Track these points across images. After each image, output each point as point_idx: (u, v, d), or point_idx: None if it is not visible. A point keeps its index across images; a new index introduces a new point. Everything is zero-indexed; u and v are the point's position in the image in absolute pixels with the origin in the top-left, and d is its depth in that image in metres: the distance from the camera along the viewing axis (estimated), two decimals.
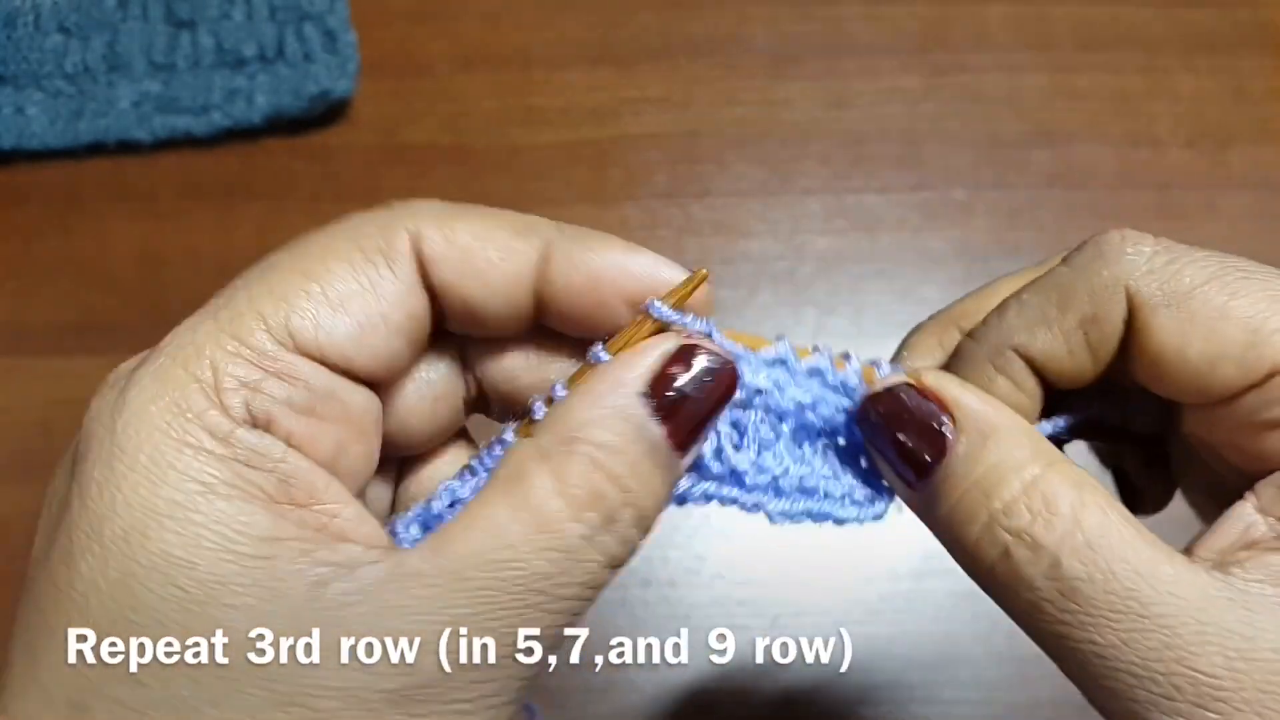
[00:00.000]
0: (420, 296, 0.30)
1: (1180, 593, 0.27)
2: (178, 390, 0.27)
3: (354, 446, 0.30)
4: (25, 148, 0.66)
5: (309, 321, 0.28)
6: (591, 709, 0.57)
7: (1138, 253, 0.31)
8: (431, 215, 0.30)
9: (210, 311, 0.29)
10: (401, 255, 0.29)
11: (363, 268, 0.29)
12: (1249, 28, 0.71)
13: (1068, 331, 0.31)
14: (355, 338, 0.28)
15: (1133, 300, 0.31)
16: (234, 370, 0.27)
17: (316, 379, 0.28)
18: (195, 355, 0.28)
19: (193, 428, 0.26)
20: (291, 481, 0.27)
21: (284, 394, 0.28)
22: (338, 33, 0.67)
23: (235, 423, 0.27)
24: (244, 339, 0.28)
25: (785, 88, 0.70)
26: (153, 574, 0.25)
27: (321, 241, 0.30)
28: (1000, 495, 0.29)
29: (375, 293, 0.29)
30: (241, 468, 0.27)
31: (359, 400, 0.29)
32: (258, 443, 0.27)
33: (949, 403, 0.30)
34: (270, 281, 0.29)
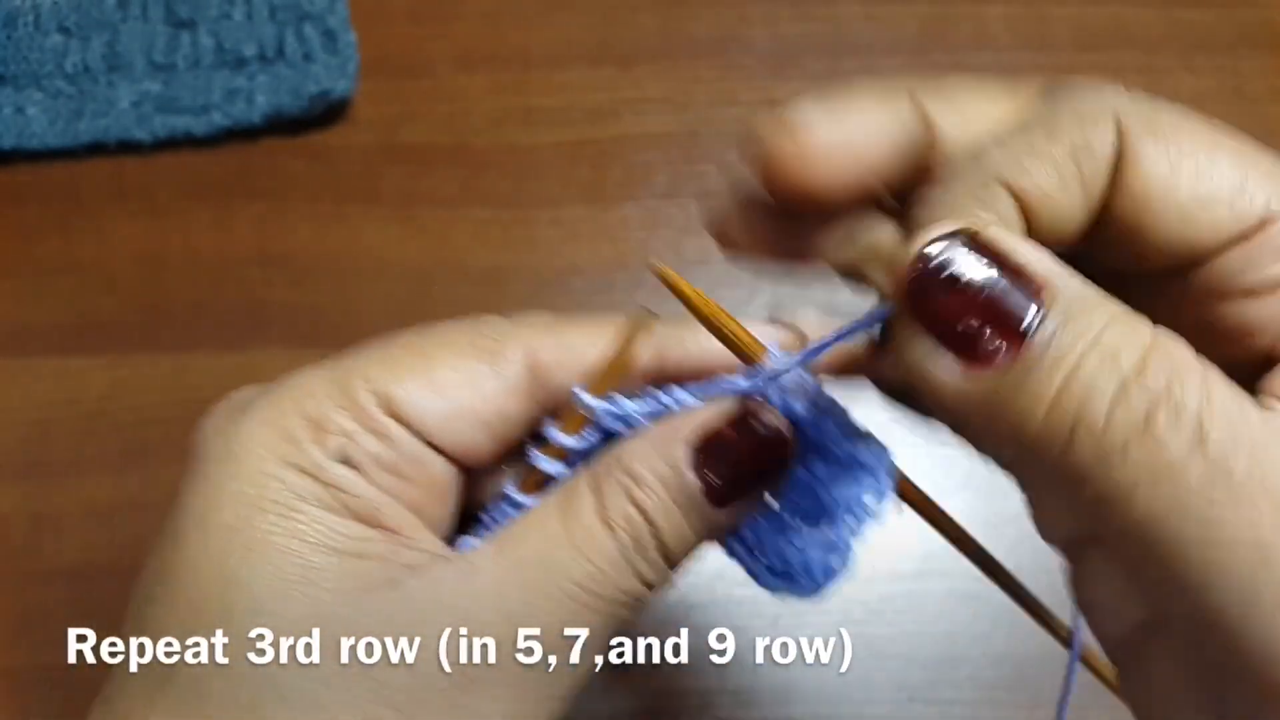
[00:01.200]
0: (519, 400, 0.33)
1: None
2: (287, 421, 0.30)
3: (432, 509, 0.33)
4: (25, 148, 0.66)
5: (407, 394, 0.31)
6: (592, 709, 0.57)
7: (1117, 91, 0.30)
8: (545, 325, 0.34)
9: (330, 364, 0.32)
10: (509, 360, 0.33)
11: (468, 362, 0.32)
12: (1249, 28, 0.71)
13: (1058, 161, 0.28)
14: (444, 419, 0.32)
15: (1121, 128, 0.28)
16: (336, 417, 0.31)
17: (406, 443, 0.32)
18: (307, 396, 0.31)
19: (295, 453, 0.30)
20: (379, 511, 0.31)
21: (374, 449, 0.31)
22: (338, 33, 0.67)
23: (331, 459, 0.30)
24: (350, 394, 0.31)
25: (785, 88, 0.70)
26: (252, 558, 0.28)
27: (445, 330, 0.33)
28: (1128, 357, 0.23)
29: (474, 386, 0.32)
30: (337, 491, 0.30)
31: (440, 469, 0.33)
32: (346, 476, 0.31)
33: (1025, 263, 0.25)
34: (387, 352, 0.32)
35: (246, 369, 0.33)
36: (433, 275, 0.65)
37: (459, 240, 0.66)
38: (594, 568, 0.30)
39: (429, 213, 0.66)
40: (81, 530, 0.59)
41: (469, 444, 0.33)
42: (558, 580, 0.29)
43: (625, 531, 0.30)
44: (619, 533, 0.30)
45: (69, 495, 0.60)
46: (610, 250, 0.66)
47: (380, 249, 0.66)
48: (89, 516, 0.59)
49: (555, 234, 0.66)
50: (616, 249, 0.65)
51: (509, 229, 0.66)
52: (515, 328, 0.34)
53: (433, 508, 0.33)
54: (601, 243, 0.66)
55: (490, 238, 0.66)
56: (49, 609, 0.57)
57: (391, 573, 0.30)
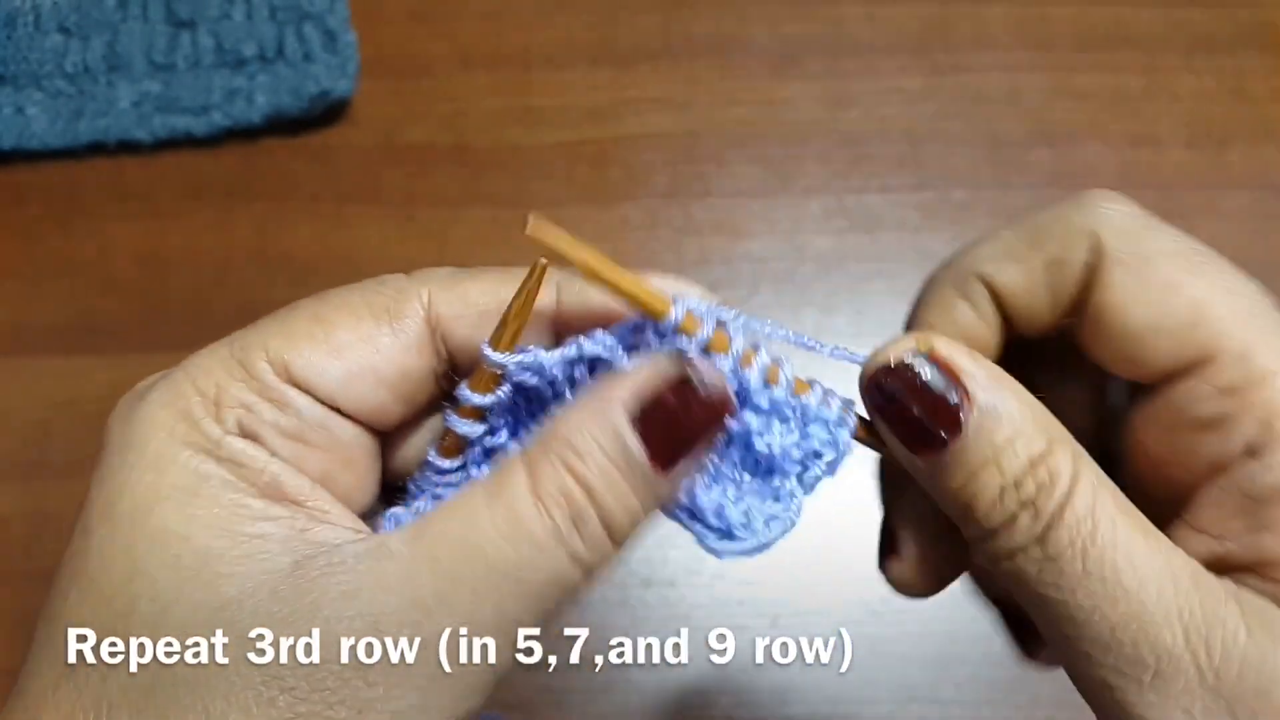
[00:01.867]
0: (420, 356, 0.33)
1: (1151, 566, 0.29)
2: (184, 401, 0.30)
3: (342, 475, 0.32)
4: (25, 148, 0.66)
5: (305, 360, 0.31)
6: (591, 709, 0.57)
7: (1113, 210, 0.32)
8: (443, 279, 0.33)
9: (227, 340, 0.32)
10: (408, 317, 0.32)
11: (365, 322, 0.32)
12: (1249, 28, 0.71)
13: (1032, 269, 0.32)
14: (343, 381, 0.32)
15: (1096, 250, 0.31)
16: (233, 390, 0.31)
17: (308, 409, 0.31)
18: (204, 374, 0.31)
19: (192, 432, 0.30)
20: (282, 481, 0.30)
21: (271, 417, 0.31)
22: (338, 33, 0.67)
23: (226, 433, 0.30)
24: (247, 366, 0.31)
25: (785, 88, 0.70)
26: (154, 547, 0.28)
27: (340, 294, 0.33)
28: (1012, 470, 0.30)
29: (371, 345, 0.32)
30: (235, 466, 0.30)
31: (348, 434, 0.32)
32: (244, 449, 0.30)
33: (961, 374, 0.30)
34: (285, 321, 0.32)
35: None
36: None
37: (459, 240, 0.66)
38: (519, 553, 0.28)
39: (429, 213, 0.66)
40: None
41: (374, 405, 0.32)
42: (476, 567, 0.28)
43: (561, 509, 0.28)
44: (554, 511, 0.28)
45: (69, 495, 0.59)
46: (610, 250, 0.65)
47: (380, 249, 0.66)
48: None
49: None
50: (616, 249, 0.65)
51: (509, 229, 0.66)
52: (412, 284, 0.33)
53: (346, 476, 0.32)
54: (601, 243, 0.65)
55: (490, 238, 0.66)
56: None
57: (295, 554, 0.29)
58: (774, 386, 0.32)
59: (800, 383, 0.33)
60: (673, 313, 0.30)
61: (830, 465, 0.33)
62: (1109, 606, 0.29)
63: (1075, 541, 0.29)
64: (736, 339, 0.31)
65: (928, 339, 0.31)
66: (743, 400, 0.32)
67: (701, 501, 0.32)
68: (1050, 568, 0.29)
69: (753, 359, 0.32)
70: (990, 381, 0.31)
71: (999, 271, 0.33)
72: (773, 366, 0.32)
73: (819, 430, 0.33)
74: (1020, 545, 0.30)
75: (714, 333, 0.31)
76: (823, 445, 0.33)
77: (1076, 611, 0.29)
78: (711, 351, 0.31)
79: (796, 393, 0.32)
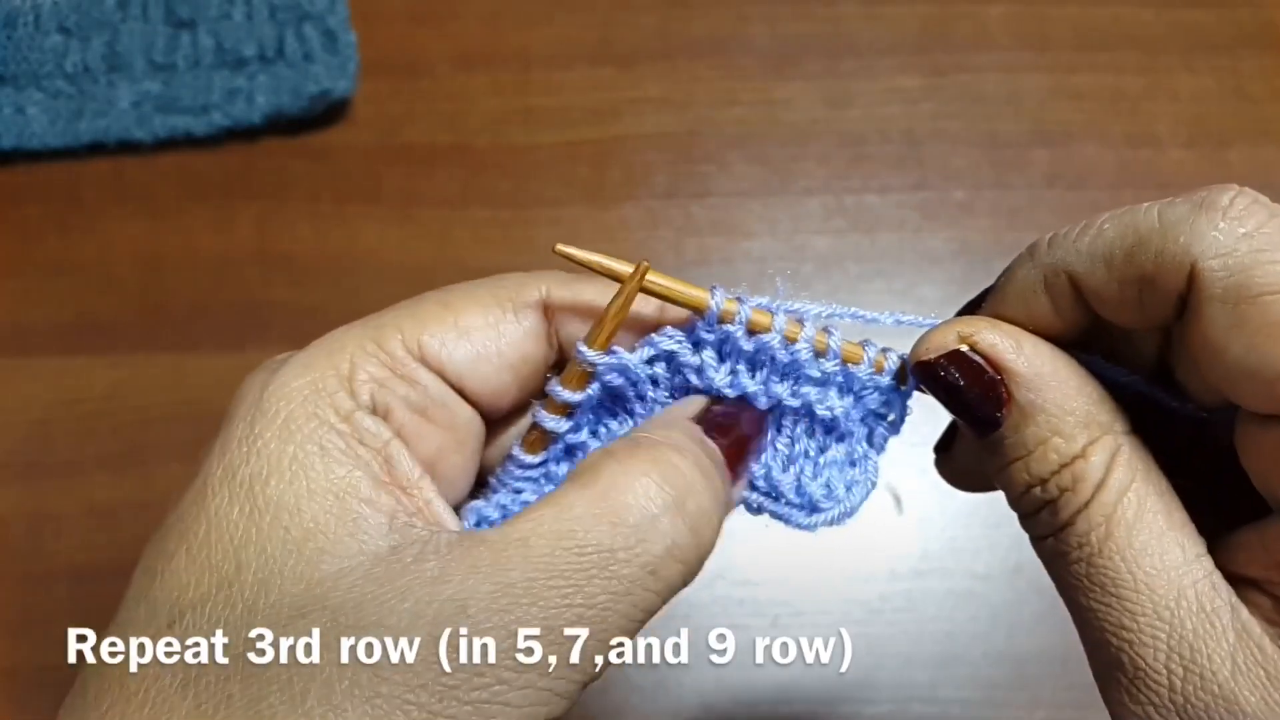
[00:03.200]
0: (538, 344, 0.35)
1: (1158, 581, 0.29)
2: (317, 373, 0.32)
3: (453, 455, 0.34)
4: (25, 148, 0.66)
5: (436, 340, 0.33)
6: (592, 709, 0.57)
7: (1227, 232, 0.28)
8: (562, 279, 0.36)
9: (363, 321, 0.34)
10: (528, 307, 0.35)
11: (491, 309, 0.34)
12: (1249, 28, 0.71)
13: (1123, 281, 0.30)
14: (471, 361, 0.34)
15: (1195, 280, 0.28)
16: (367, 366, 0.32)
17: (434, 387, 0.33)
18: (339, 350, 0.33)
19: (323, 404, 0.31)
20: (393, 463, 0.32)
21: (403, 392, 0.33)
22: (338, 33, 0.67)
23: (358, 407, 0.32)
24: (381, 344, 0.33)
25: (785, 88, 0.70)
26: (265, 514, 0.30)
27: (467, 285, 0.35)
28: (1039, 471, 0.31)
29: (496, 330, 0.34)
30: (355, 443, 0.31)
31: (465, 415, 0.34)
32: (371, 425, 0.32)
33: (1002, 366, 0.31)
34: (416, 306, 0.34)
35: (246, 369, 0.33)
36: (433, 275, 0.65)
37: (459, 240, 0.66)
38: (613, 539, 0.29)
39: (429, 213, 0.66)
40: (81, 530, 0.59)
41: (496, 385, 0.34)
42: (568, 554, 0.28)
43: (659, 497, 0.30)
44: (653, 496, 0.30)
45: (69, 495, 0.60)
46: (610, 250, 0.64)
47: (380, 249, 0.66)
48: (89, 516, 0.59)
49: (555, 234, 0.66)
50: (616, 249, 0.65)
51: (509, 229, 0.66)
52: (532, 278, 0.35)
53: (456, 456, 0.34)
54: (601, 243, 0.65)
55: (490, 238, 0.66)
56: (49, 609, 0.57)
57: (394, 539, 0.29)
58: (824, 357, 0.34)
59: (851, 347, 0.34)
60: (712, 304, 0.33)
61: (893, 424, 0.36)
62: (1104, 611, 0.29)
63: (1085, 545, 0.30)
64: (779, 316, 0.33)
65: (972, 330, 0.32)
66: (796, 374, 0.34)
67: (780, 482, 0.34)
68: (1060, 563, 0.31)
69: (799, 333, 0.34)
70: (1033, 378, 0.31)
71: (1090, 275, 0.30)
72: (819, 336, 0.34)
73: (874, 394, 0.35)
74: (1039, 535, 0.32)
75: (753, 314, 0.33)
76: (881, 406, 0.35)
77: (1078, 607, 0.30)
78: (755, 331, 0.33)
79: (847, 359, 0.34)
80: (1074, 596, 0.31)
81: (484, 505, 0.34)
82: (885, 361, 0.34)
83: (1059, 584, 0.31)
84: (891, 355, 0.35)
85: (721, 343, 0.34)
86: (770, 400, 0.34)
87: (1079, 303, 0.31)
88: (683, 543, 0.30)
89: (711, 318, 0.33)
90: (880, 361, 0.34)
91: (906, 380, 0.35)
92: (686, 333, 0.34)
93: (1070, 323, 0.32)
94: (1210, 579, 0.29)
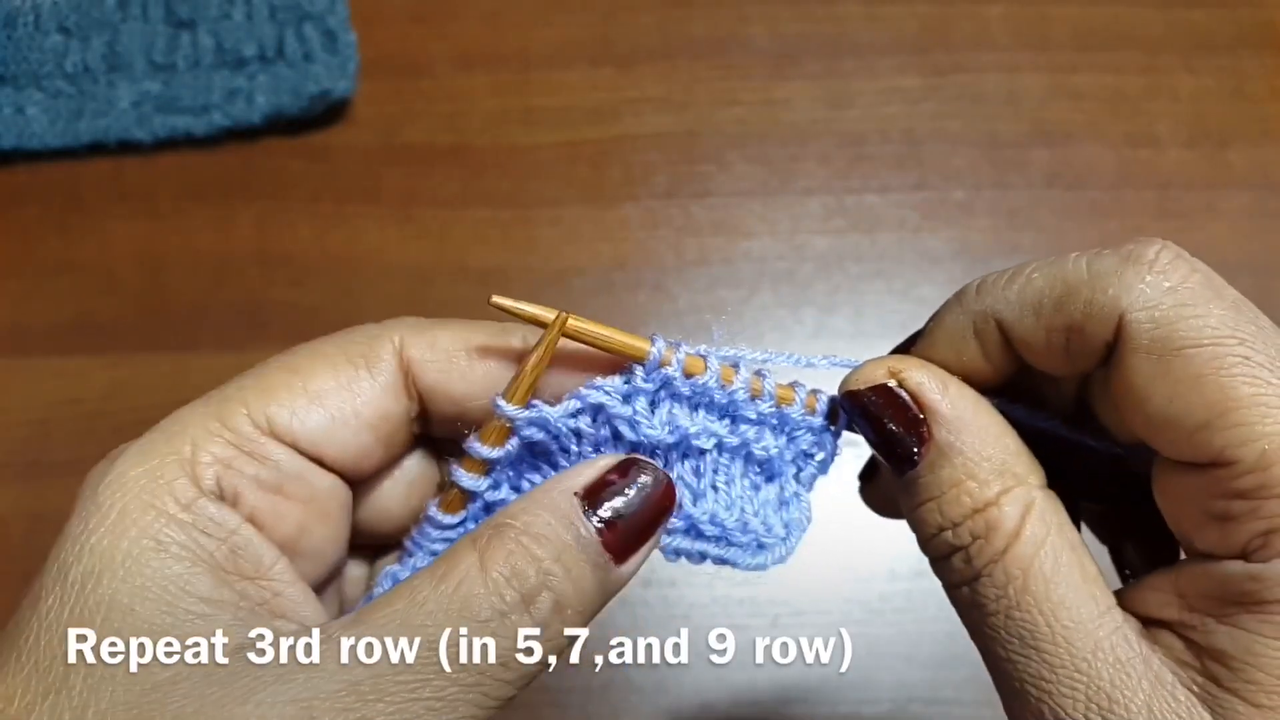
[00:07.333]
0: (397, 399, 0.33)
1: (1076, 634, 0.29)
2: (156, 461, 0.30)
3: (317, 528, 0.32)
4: (25, 148, 0.66)
5: (285, 410, 0.31)
6: (592, 709, 0.57)
7: (1154, 285, 0.29)
8: (412, 326, 0.34)
9: (205, 398, 0.32)
10: (382, 361, 0.33)
11: (343, 369, 0.32)
12: (1249, 28, 0.71)
13: (1051, 330, 0.31)
14: (326, 428, 0.32)
15: (1122, 330, 0.29)
16: (211, 448, 0.31)
17: (288, 461, 0.31)
18: (180, 433, 0.31)
19: (160, 493, 0.30)
20: (241, 553, 0.30)
21: (253, 471, 0.31)
22: (338, 33, 0.67)
23: (201, 494, 0.30)
24: (226, 422, 0.31)
25: (785, 88, 0.70)
26: (96, 616, 0.28)
27: (313, 346, 0.33)
28: (951, 514, 0.31)
29: (350, 391, 0.32)
30: (197, 534, 0.29)
31: (326, 484, 0.32)
32: (215, 513, 0.30)
33: (926, 406, 0.31)
34: (261, 375, 0.32)
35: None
36: (433, 275, 0.65)
37: (459, 240, 0.66)
38: (466, 625, 0.28)
39: (429, 213, 0.66)
40: None
41: (356, 449, 0.33)
42: (418, 650, 0.27)
43: (511, 589, 0.28)
44: (504, 590, 0.28)
45: (69, 495, 0.59)
46: (610, 250, 0.66)
47: (380, 249, 0.66)
48: None
49: (555, 234, 0.66)
50: (616, 249, 0.66)
51: (509, 229, 0.66)
52: (383, 330, 0.34)
53: (321, 528, 0.33)
54: (601, 243, 0.66)
55: (490, 238, 0.66)
56: None
57: (237, 637, 0.28)
58: (759, 399, 0.33)
59: (784, 389, 0.34)
60: (653, 351, 0.32)
61: (822, 464, 0.35)
62: (1023, 662, 0.30)
63: (1003, 597, 0.30)
64: (712, 360, 0.33)
65: (902, 367, 0.32)
66: (733, 415, 0.33)
67: (725, 522, 0.34)
68: (977, 613, 0.31)
69: (733, 376, 0.33)
70: (954, 421, 0.31)
71: (1018, 322, 0.31)
72: (755, 380, 0.33)
73: (805, 434, 0.34)
74: (953, 583, 0.31)
75: (687, 359, 0.32)
76: (812, 446, 0.35)
77: (995, 657, 0.30)
78: (691, 375, 0.33)
79: (780, 401, 0.34)
80: (990, 647, 0.31)
81: (399, 569, 0.34)
82: (816, 402, 0.34)
83: (974, 633, 0.31)
84: (822, 396, 0.35)
85: (656, 391, 0.33)
86: (710, 439, 0.33)
87: (1006, 348, 0.32)
88: (536, 637, 0.29)
89: (653, 364, 0.32)
90: (811, 401, 0.34)
91: (838, 419, 0.34)
92: (620, 380, 0.33)
93: (997, 367, 0.33)
94: (1122, 631, 0.29)
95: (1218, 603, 0.29)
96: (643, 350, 0.32)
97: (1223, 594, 0.28)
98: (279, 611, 0.30)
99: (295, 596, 0.31)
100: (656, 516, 0.31)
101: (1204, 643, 0.29)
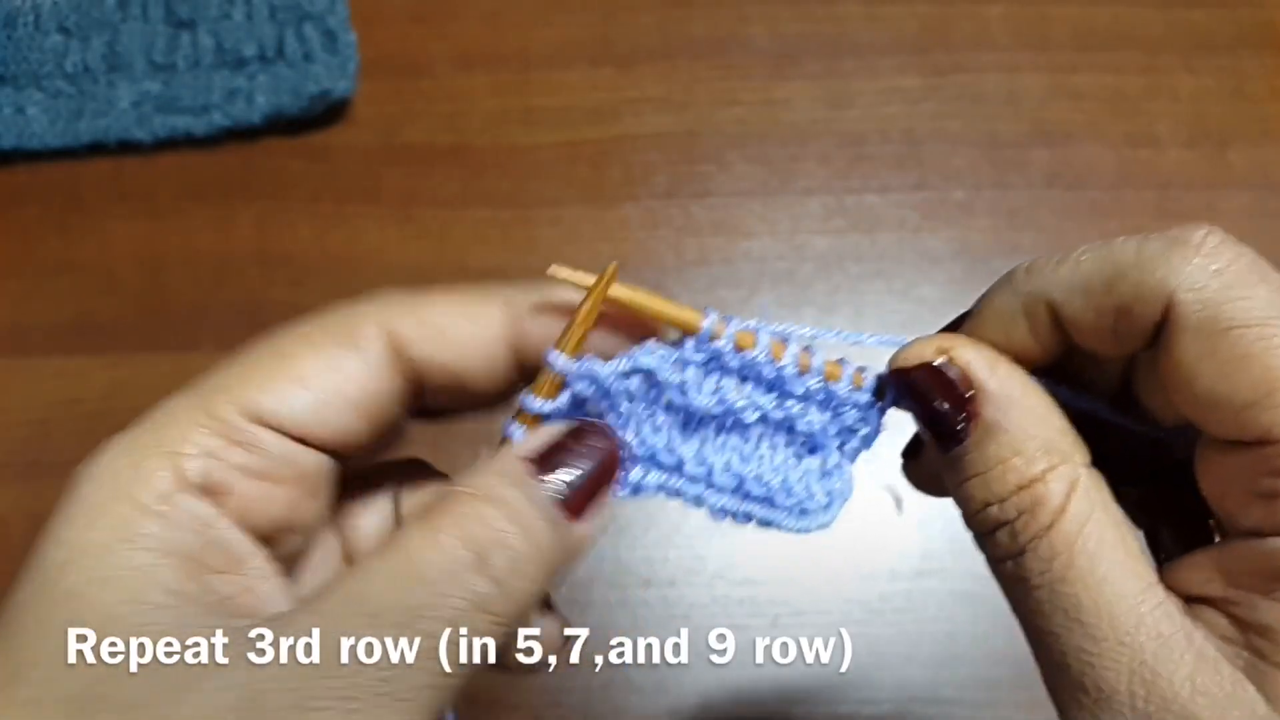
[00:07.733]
0: (385, 377, 0.33)
1: (1119, 608, 0.29)
2: (140, 453, 0.30)
3: (308, 505, 0.33)
4: (25, 148, 0.66)
5: (272, 396, 0.31)
6: (592, 709, 0.57)
7: (1200, 268, 0.30)
8: (400, 301, 0.33)
9: (191, 388, 0.32)
10: (367, 339, 0.32)
11: (327, 349, 0.32)
12: (1249, 28, 0.71)
13: (1100, 311, 0.31)
14: (313, 410, 0.32)
15: (1170, 311, 0.30)
16: (196, 439, 0.31)
17: (275, 447, 0.31)
18: (167, 424, 0.31)
19: (139, 486, 0.29)
20: (214, 547, 0.30)
21: (240, 460, 0.31)
22: (338, 33, 0.67)
23: (182, 486, 0.30)
24: (212, 412, 0.31)
25: (785, 88, 0.70)
26: (60, 607, 0.28)
27: (296, 328, 0.33)
28: (997, 490, 0.31)
29: (336, 371, 0.32)
30: (171, 527, 0.29)
31: (313, 463, 0.32)
32: (192, 506, 0.30)
33: (975, 383, 0.32)
34: (244, 362, 0.32)
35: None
36: (433, 275, 0.65)
37: (459, 240, 0.66)
38: (415, 588, 0.28)
39: (429, 213, 0.66)
40: None
41: (345, 429, 0.32)
42: (357, 621, 0.27)
43: (463, 548, 0.28)
44: (456, 550, 0.28)
45: None
46: (610, 250, 0.65)
47: (380, 249, 0.66)
48: None
49: (555, 234, 0.66)
50: (616, 249, 0.65)
51: (509, 229, 0.66)
52: (368, 307, 0.33)
53: (311, 503, 0.33)
54: (601, 243, 0.66)
55: (490, 238, 0.66)
56: None
57: (199, 634, 0.28)
58: (807, 375, 0.34)
59: (831, 365, 0.35)
60: (705, 324, 0.33)
61: (865, 439, 0.36)
62: (1066, 635, 0.30)
63: (1046, 570, 0.30)
64: (763, 335, 0.34)
65: (951, 345, 0.33)
66: (780, 389, 0.34)
67: (771, 483, 0.35)
68: (1022, 587, 0.31)
69: (783, 352, 0.34)
70: (1002, 399, 0.31)
71: (1067, 303, 0.32)
72: (803, 355, 0.34)
73: (851, 410, 0.35)
74: (998, 557, 0.32)
75: (738, 334, 0.33)
76: (856, 422, 0.36)
77: (1038, 630, 0.31)
78: (742, 348, 0.33)
79: (828, 377, 0.35)
80: (1034, 621, 0.31)
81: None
82: (863, 379, 0.35)
83: (1016, 607, 0.32)
84: (869, 373, 0.35)
85: (706, 362, 0.33)
86: (755, 412, 0.34)
87: (1054, 329, 0.33)
88: (492, 595, 0.28)
89: (704, 336, 0.33)
90: (858, 378, 0.35)
91: (884, 395, 0.35)
92: (671, 349, 0.33)
93: (1045, 347, 0.33)
94: (1164, 607, 0.30)
95: (1263, 579, 0.29)
96: (695, 322, 0.33)
97: (1268, 570, 0.29)
98: (243, 606, 0.30)
99: (267, 591, 0.31)
100: (605, 473, 0.32)
101: (1248, 618, 0.29)
